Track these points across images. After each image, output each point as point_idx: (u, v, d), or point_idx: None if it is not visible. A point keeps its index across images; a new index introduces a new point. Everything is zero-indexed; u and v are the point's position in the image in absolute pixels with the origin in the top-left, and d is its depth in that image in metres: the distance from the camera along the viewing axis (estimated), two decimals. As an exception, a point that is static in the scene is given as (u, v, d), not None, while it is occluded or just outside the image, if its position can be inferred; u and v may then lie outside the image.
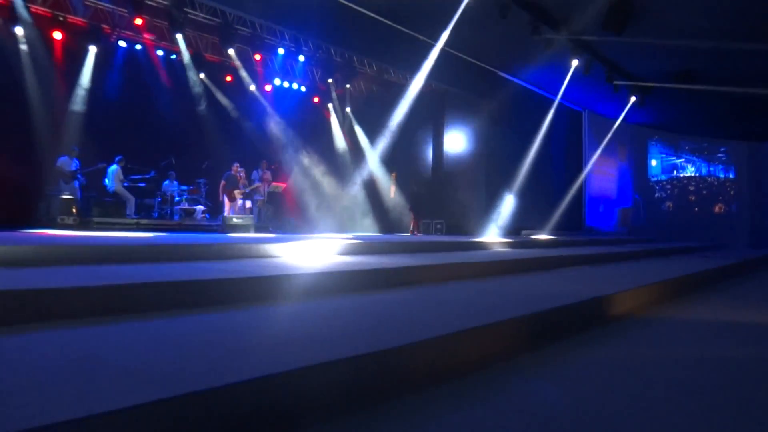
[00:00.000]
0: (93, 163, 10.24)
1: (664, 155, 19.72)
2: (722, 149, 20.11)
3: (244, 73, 12.72)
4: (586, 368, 2.66)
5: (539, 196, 16.28)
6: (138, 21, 10.69)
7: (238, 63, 12.47)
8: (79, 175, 9.96)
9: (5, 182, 9.49)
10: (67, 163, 9.79)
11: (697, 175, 20.10)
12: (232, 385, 1.73)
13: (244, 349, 2.19)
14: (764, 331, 3.78)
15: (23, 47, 10.05)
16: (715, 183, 20.12)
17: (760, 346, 3.29)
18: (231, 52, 12.12)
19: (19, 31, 9.90)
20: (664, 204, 19.78)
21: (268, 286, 3.62)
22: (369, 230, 13.86)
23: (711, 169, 20.12)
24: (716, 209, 19.78)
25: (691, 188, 19.99)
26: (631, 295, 4.40)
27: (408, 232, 13.26)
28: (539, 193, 16.31)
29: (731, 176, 20.12)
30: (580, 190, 17.50)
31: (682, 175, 20.04)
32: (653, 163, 19.71)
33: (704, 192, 20.08)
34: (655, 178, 19.76)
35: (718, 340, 3.48)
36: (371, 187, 14.84)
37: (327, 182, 14.49)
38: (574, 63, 12.66)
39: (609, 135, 17.21)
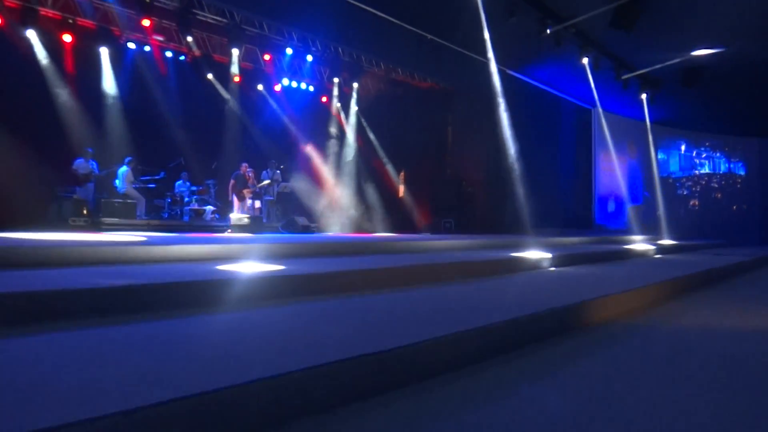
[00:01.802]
0: (103, 164, 10.29)
1: (681, 152, 19.52)
2: (735, 146, 19.92)
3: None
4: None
5: (548, 194, 16.20)
6: (146, 22, 10.72)
7: (234, 61, 12.45)
8: (94, 174, 10.01)
9: (16, 183, 9.54)
10: (83, 165, 9.83)
11: (712, 172, 19.92)
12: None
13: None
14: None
15: (34, 50, 10.11)
16: (733, 180, 19.94)
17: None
18: (234, 51, 12.13)
19: (30, 34, 9.96)
20: (678, 201, 19.61)
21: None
22: (377, 229, 13.82)
23: (730, 165, 19.94)
24: (738, 206, 19.63)
25: (714, 185, 19.85)
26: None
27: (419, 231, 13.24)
28: (548, 191, 16.23)
29: (742, 172, 19.94)
30: (590, 187, 17.40)
31: (696, 172, 19.86)
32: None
33: (717, 189, 19.92)
34: (674, 176, 19.58)
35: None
36: (380, 186, 14.81)
37: (336, 181, 14.48)
38: (584, 60, 12.57)
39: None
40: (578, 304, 3.53)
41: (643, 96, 15.30)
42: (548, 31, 11.10)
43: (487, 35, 10.85)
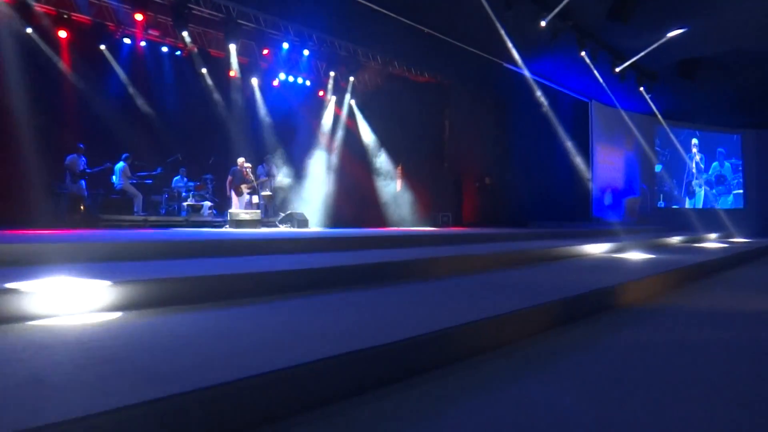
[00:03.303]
0: (99, 160, 10.28)
1: (678, 143, 19.53)
2: (733, 137, 19.98)
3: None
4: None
5: (546, 187, 16.23)
6: (138, 17, 10.68)
7: (231, 56, 12.42)
8: (86, 172, 9.99)
9: (12, 181, 9.54)
10: (76, 161, 9.82)
11: (710, 163, 19.97)
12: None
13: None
14: None
15: (29, 44, 10.08)
16: (731, 171, 20.02)
17: None
18: (231, 46, 12.10)
19: (28, 30, 9.94)
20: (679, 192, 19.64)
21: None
22: (375, 223, 13.84)
23: (728, 156, 20.00)
24: (735, 197, 19.74)
25: (712, 177, 19.92)
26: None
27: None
28: (546, 184, 16.26)
29: (740, 163, 19.99)
30: (587, 180, 17.42)
31: (693, 164, 19.90)
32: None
33: (715, 180, 19.98)
34: (674, 167, 19.61)
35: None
36: (378, 180, 14.82)
37: (333, 176, 14.48)
38: (582, 53, 12.58)
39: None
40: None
41: (641, 88, 15.32)
42: (543, 23, 11.09)
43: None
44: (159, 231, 8.30)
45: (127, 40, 11.48)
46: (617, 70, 13.87)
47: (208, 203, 11.58)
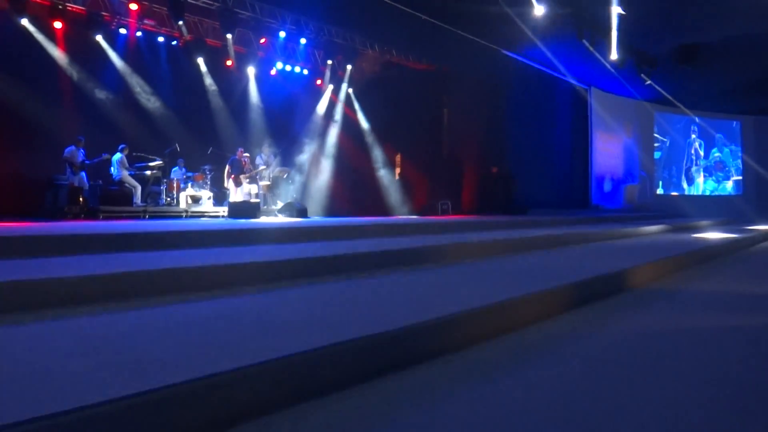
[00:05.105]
0: (96, 151, 10.23)
1: (678, 130, 19.51)
2: (731, 123, 19.94)
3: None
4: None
5: (544, 175, 16.21)
6: (133, 6, 10.59)
7: (228, 45, 12.35)
8: (86, 164, 9.96)
9: (11, 173, 9.51)
10: (75, 153, 9.77)
11: (709, 149, 19.96)
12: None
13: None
14: None
15: (25, 36, 10.00)
16: (728, 157, 20.01)
17: None
18: (228, 36, 12.04)
19: (23, 21, 9.86)
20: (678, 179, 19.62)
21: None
22: (375, 212, 13.83)
23: (726, 143, 19.98)
24: (728, 184, 19.75)
25: (710, 163, 19.92)
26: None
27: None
28: (544, 171, 16.24)
29: (739, 149, 19.97)
30: (586, 167, 17.41)
31: (692, 150, 19.91)
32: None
33: (713, 166, 19.98)
34: (673, 154, 19.59)
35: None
36: (377, 169, 14.79)
37: (332, 165, 14.44)
38: (582, 40, 12.50)
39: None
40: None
41: (641, 75, 15.25)
42: (541, 9, 11.01)
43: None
44: (157, 221, 8.30)
45: (122, 30, 11.38)
46: (613, 57, 13.77)
47: (207, 193, 11.55)
